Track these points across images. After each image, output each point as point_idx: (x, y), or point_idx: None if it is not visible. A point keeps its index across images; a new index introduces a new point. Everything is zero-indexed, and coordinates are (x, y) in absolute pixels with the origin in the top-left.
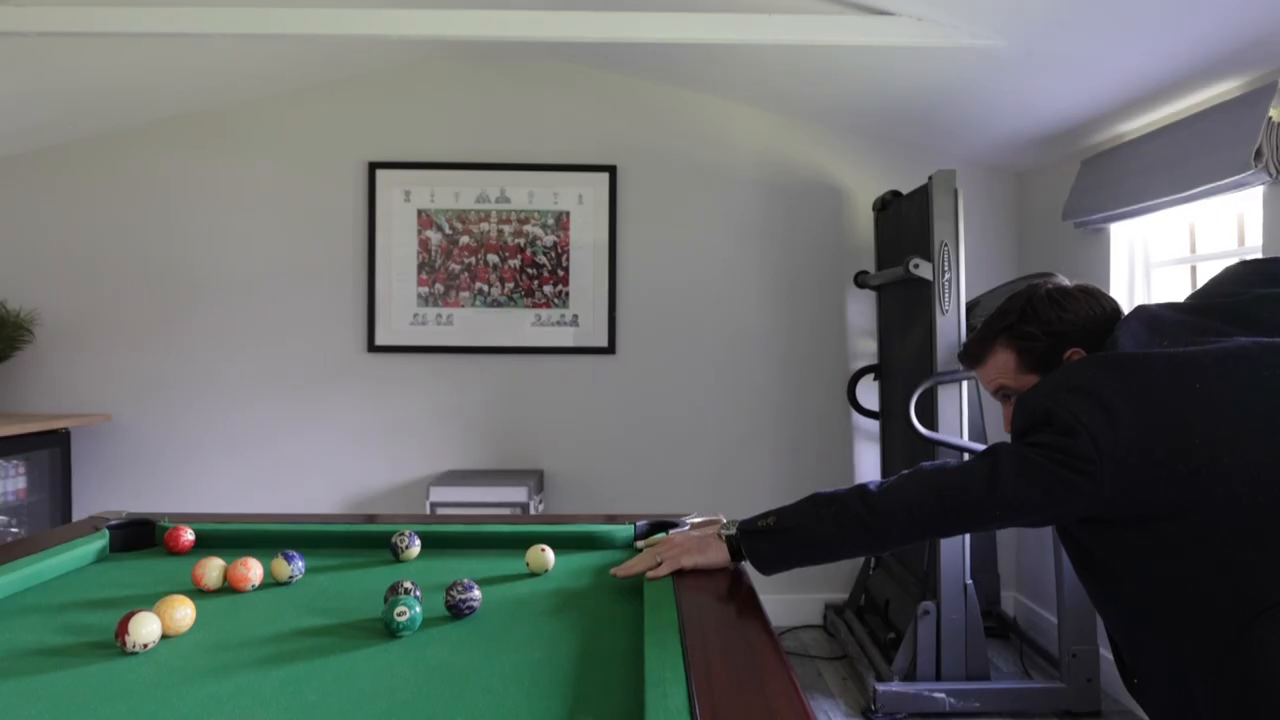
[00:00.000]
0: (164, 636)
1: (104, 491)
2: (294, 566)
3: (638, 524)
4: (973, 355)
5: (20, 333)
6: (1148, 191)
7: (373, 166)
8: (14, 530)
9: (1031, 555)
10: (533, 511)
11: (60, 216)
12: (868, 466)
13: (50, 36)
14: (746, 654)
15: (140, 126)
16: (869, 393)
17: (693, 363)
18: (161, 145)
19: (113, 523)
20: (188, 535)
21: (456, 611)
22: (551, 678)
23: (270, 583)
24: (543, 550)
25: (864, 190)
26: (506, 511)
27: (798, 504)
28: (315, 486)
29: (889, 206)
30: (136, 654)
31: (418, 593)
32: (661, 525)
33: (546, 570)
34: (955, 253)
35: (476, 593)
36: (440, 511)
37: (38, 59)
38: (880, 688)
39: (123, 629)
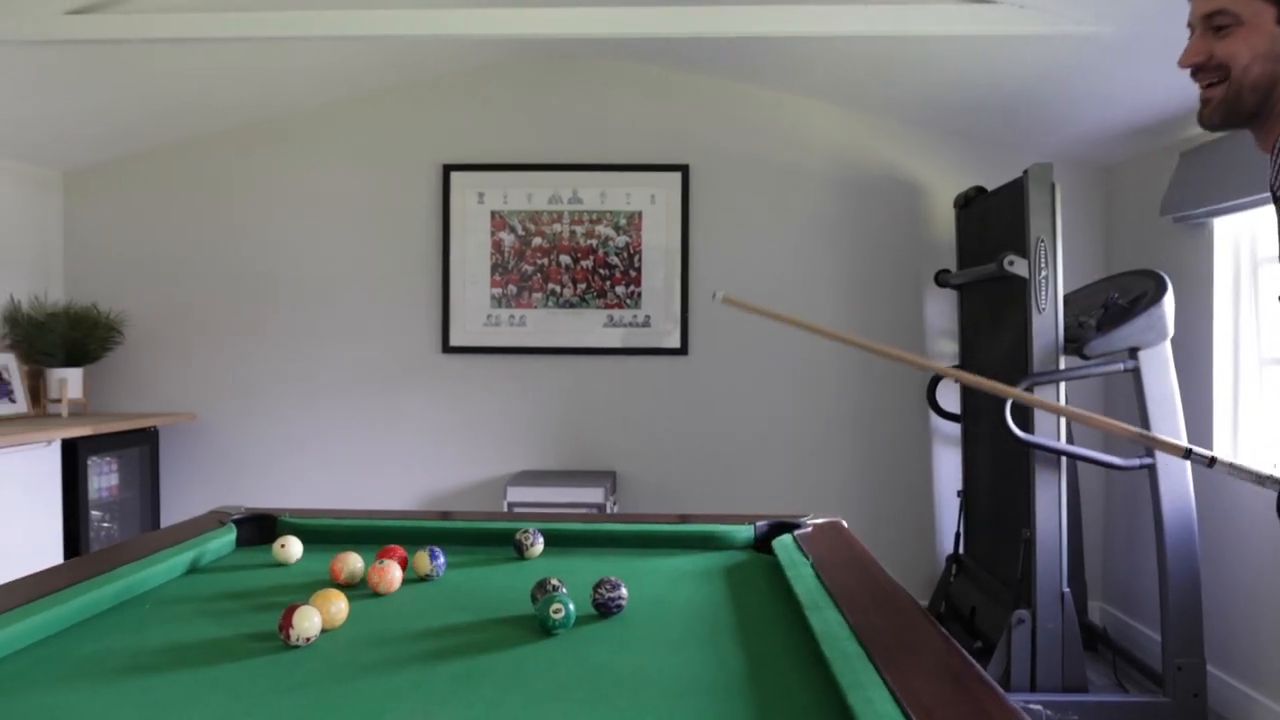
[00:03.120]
0: (321, 630)
1: (190, 488)
2: (435, 564)
3: (757, 524)
4: None
5: (111, 334)
6: (1255, 184)
7: (447, 169)
8: (106, 525)
9: (1119, 564)
10: (609, 512)
11: (147, 221)
12: (948, 470)
13: (151, 43)
14: (931, 653)
15: (220, 132)
16: (949, 395)
17: (766, 363)
18: (241, 151)
19: (235, 517)
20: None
21: (605, 610)
22: (724, 679)
23: (412, 577)
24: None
25: (942, 187)
26: (583, 512)
27: None
28: (392, 484)
29: (972, 203)
30: (299, 647)
31: (564, 590)
32: (782, 526)
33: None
34: (1053, 249)
35: (624, 591)
36: (517, 511)
37: (128, 67)
38: None
39: (286, 622)
